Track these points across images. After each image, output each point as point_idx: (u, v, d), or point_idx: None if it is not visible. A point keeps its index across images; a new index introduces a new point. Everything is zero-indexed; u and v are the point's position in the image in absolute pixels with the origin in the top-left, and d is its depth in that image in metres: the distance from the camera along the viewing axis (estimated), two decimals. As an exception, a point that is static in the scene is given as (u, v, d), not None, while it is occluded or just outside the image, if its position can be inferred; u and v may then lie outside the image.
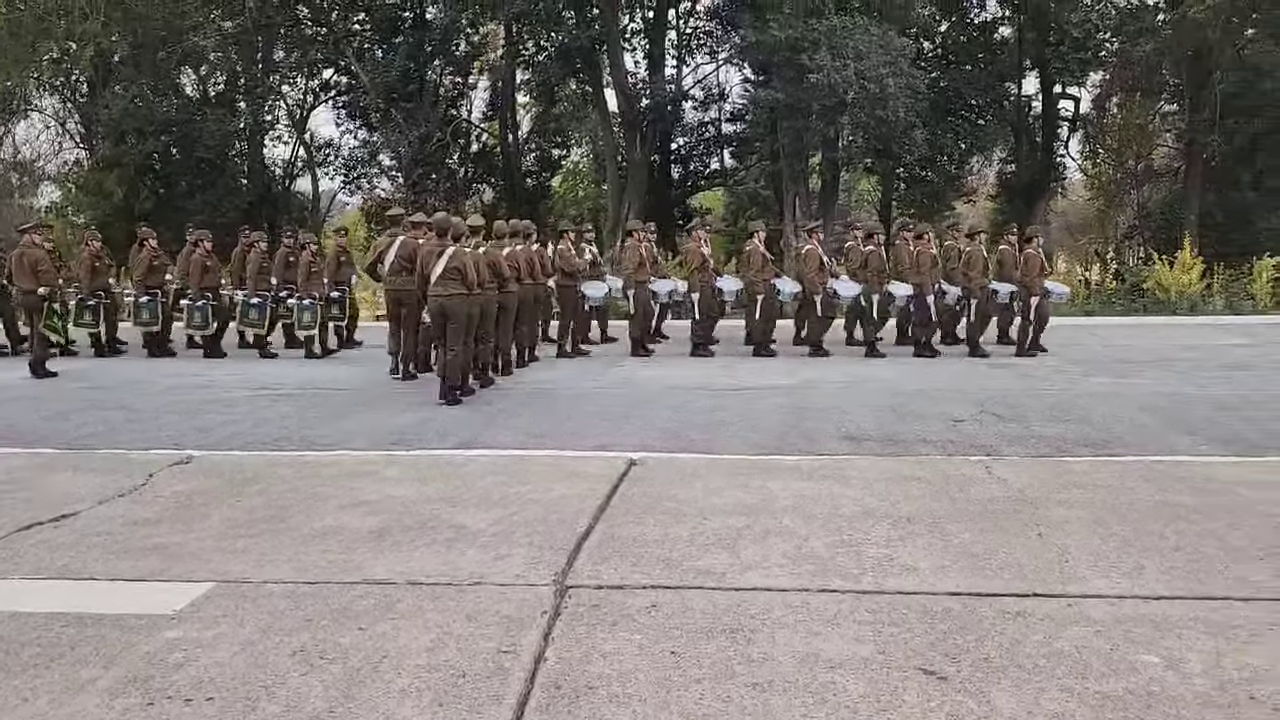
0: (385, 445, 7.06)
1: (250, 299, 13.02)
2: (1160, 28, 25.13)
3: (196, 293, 12.97)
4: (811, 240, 13.31)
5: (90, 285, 13.04)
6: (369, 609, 3.75)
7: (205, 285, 13.04)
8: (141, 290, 13.09)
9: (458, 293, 9.29)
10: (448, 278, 9.26)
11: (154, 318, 13.13)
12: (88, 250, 13.25)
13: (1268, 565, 4.15)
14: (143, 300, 13.05)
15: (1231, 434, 7.24)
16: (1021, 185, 27.94)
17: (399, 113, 23.47)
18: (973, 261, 12.96)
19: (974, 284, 12.84)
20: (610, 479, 5.73)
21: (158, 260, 13.45)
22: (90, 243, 13.36)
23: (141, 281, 13.11)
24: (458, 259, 9.35)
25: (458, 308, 9.31)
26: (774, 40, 19.74)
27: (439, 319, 9.38)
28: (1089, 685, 3.08)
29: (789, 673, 3.19)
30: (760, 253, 13.24)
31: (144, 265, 13.20)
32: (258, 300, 13.00)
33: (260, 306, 12.99)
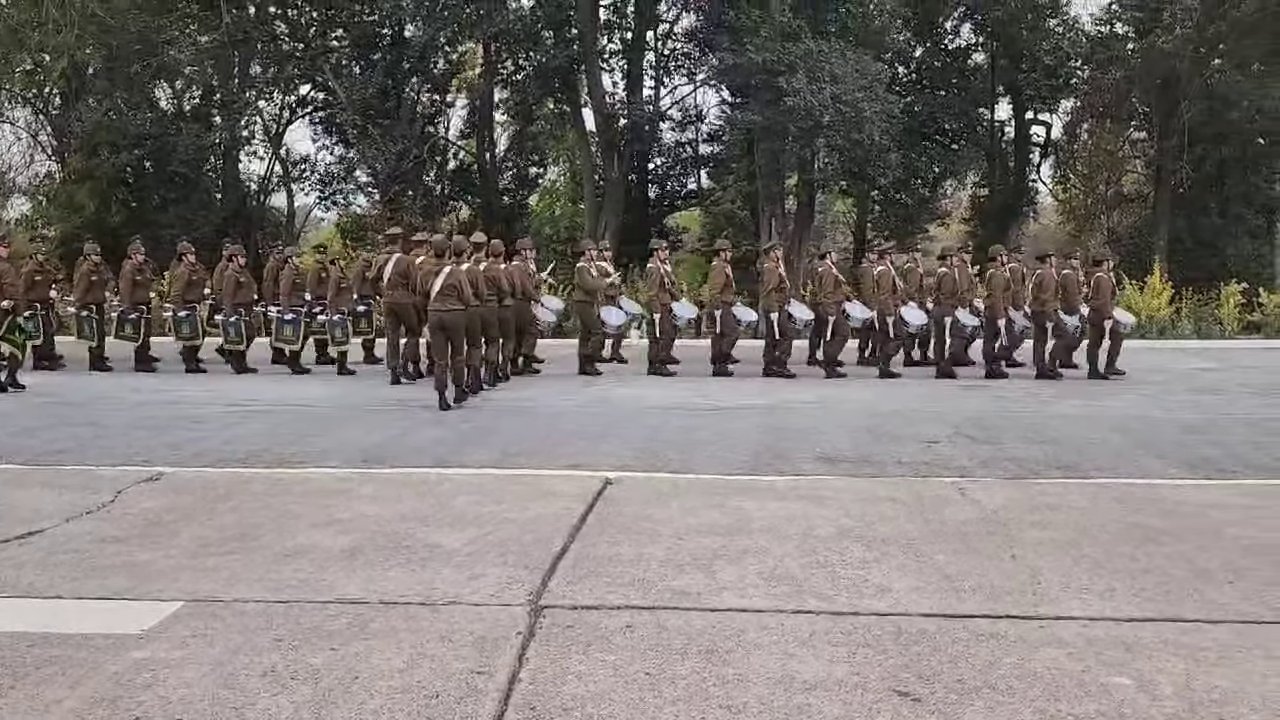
0: (358, 463, 7.01)
1: (284, 315, 13.08)
2: (1130, 56, 25.56)
3: (230, 308, 13.02)
4: (826, 262, 13.40)
5: (131, 298, 13.10)
6: (341, 629, 3.72)
7: (239, 301, 13.12)
8: (180, 305, 13.14)
9: (455, 308, 9.95)
10: (445, 294, 9.93)
11: (194, 332, 13.17)
12: (130, 264, 13.29)
13: (1236, 588, 4.20)
14: (182, 315, 13.10)
15: (1200, 457, 7.32)
16: (994, 209, 28.25)
17: (376, 129, 23.40)
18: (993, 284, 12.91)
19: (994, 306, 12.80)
20: (586, 498, 5.72)
21: (196, 275, 13.53)
22: (134, 255, 13.39)
23: (180, 296, 13.18)
24: (454, 276, 10.01)
25: (456, 322, 10.01)
26: (751, 63, 19.89)
27: (438, 333, 10.06)
28: (1061, 707, 3.09)
29: (764, 694, 3.18)
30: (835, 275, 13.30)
31: (183, 280, 13.28)
32: (291, 316, 13.05)
33: (294, 322, 13.06)
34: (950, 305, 13.02)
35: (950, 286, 13.08)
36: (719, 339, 13.13)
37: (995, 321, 12.82)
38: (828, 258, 13.51)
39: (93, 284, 13.20)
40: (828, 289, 13.06)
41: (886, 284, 12.89)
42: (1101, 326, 12.74)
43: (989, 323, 12.94)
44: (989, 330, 12.98)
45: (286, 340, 13.14)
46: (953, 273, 13.21)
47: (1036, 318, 12.93)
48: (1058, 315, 12.78)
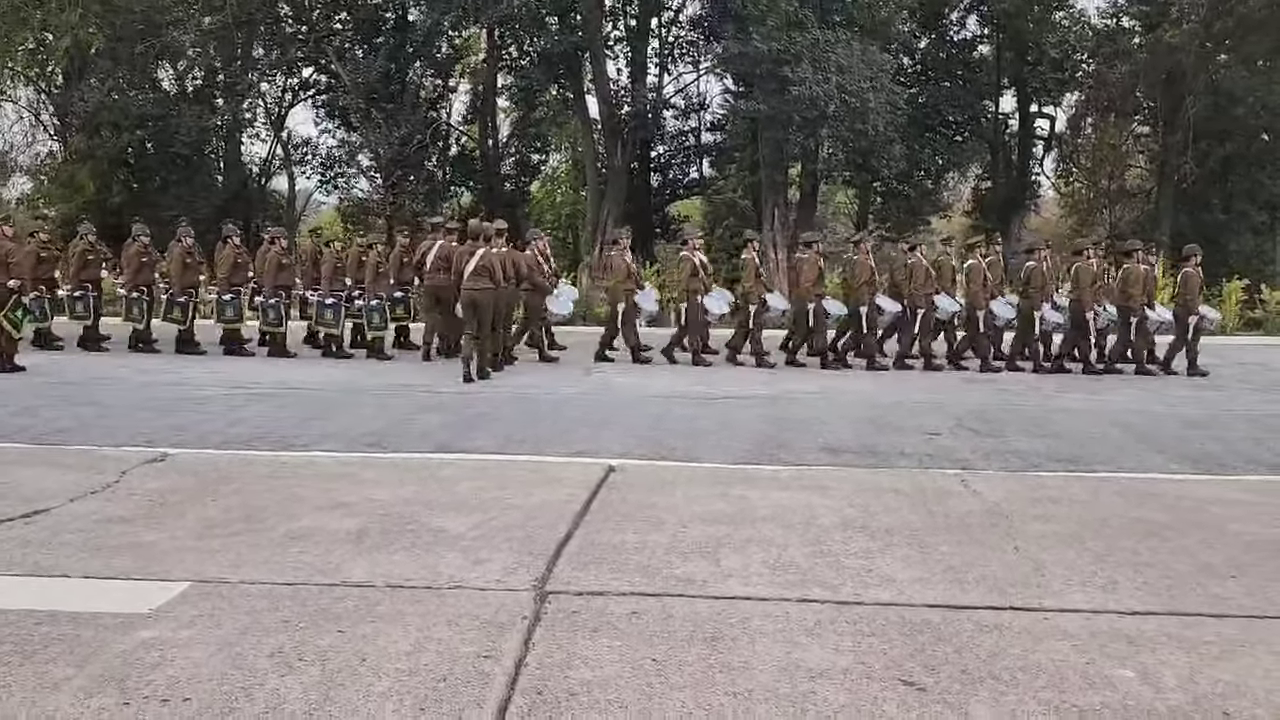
0: (363, 447, 7.02)
1: (325, 299, 13.11)
2: (1135, 51, 25.49)
3: (270, 291, 13.06)
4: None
5: (181, 281, 13.17)
6: (348, 611, 3.73)
7: (280, 283, 13.16)
8: (225, 288, 13.19)
9: (487, 287, 11.02)
10: (478, 274, 11.01)
11: (238, 315, 13.23)
12: (180, 247, 13.33)
13: (1239, 583, 4.21)
14: (226, 298, 13.14)
15: (1201, 452, 7.34)
16: (997, 202, 28.21)
17: (379, 113, 23.31)
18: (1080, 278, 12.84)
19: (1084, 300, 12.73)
20: (590, 485, 5.73)
21: (241, 258, 13.57)
22: (184, 239, 13.43)
23: (226, 279, 13.22)
24: (487, 258, 11.08)
25: (486, 300, 11.09)
26: (756, 52, 19.82)
27: (470, 309, 11.09)
28: (1066, 698, 3.11)
29: (770, 682, 3.20)
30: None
31: (228, 263, 13.32)
32: (332, 300, 13.08)
33: (335, 307, 13.08)
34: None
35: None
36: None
37: (1083, 315, 12.69)
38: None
39: (143, 265, 13.30)
40: (811, 280, 13.01)
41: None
42: (1187, 323, 12.67)
43: (1076, 317, 12.84)
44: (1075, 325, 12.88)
45: (327, 324, 13.16)
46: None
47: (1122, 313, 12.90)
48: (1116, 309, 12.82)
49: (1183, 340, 12.67)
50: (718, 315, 13.35)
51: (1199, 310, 12.73)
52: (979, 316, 12.84)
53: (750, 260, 13.11)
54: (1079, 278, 12.81)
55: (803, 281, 12.94)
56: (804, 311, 12.88)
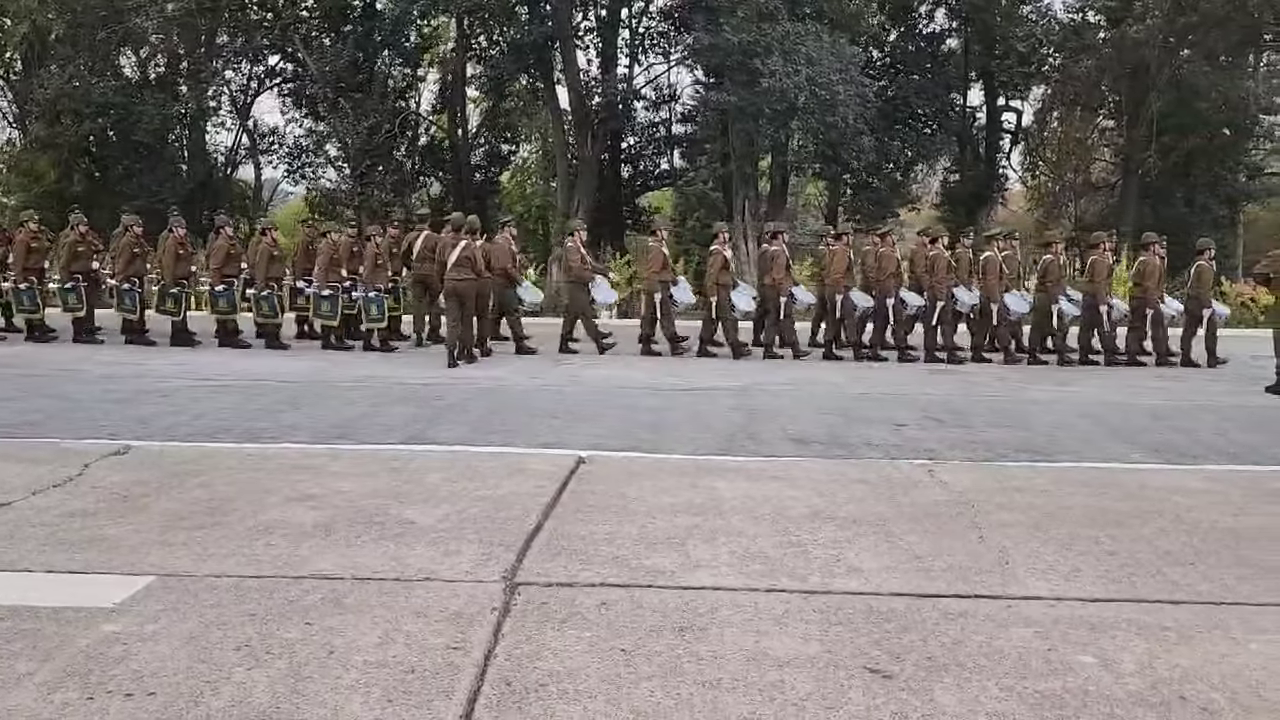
0: (330, 439, 6.97)
1: (322, 291, 12.99)
2: (1101, 45, 25.78)
3: (263, 283, 12.97)
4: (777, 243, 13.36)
5: (174, 272, 13.07)
6: (316, 604, 3.71)
7: (272, 275, 13.06)
8: (218, 279, 13.09)
9: (469, 278, 11.63)
10: (460, 265, 11.59)
11: (232, 306, 13.12)
12: (173, 238, 13.24)
13: (1197, 570, 4.28)
14: (219, 289, 13.02)
15: (1164, 442, 7.46)
16: (965, 194, 28.46)
17: (346, 102, 23.12)
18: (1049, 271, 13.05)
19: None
20: (559, 477, 5.72)
21: (234, 250, 13.45)
22: (176, 229, 13.33)
23: (219, 270, 13.09)
24: (469, 250, 11.67)
25: (468, 290, 11.68)
26: (727, 43, 19.84)
27: (452, 299, 11.68)
28: (1028, 684, 3.15)
29: (738, 671, 3.21)
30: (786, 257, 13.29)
31: (222, 254, 13.19)
32: (329, 292, 12.98)
33: (332, 299, 12.97)
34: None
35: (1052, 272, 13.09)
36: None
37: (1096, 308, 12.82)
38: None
39: (135, 256, 13.16)
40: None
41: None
42: (1199, 315, 12.80)
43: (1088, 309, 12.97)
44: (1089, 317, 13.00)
45: (324, 316, 13.07)
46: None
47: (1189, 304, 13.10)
48: None
49: (1193, 332, 12.84)
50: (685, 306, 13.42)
51: (1210, 304, 12.92)
52: (994, 309, 12.94)
53: (779, 252, 13.08)
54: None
55: (773, 273, 12.99)
56: (776, 302, 12.96)
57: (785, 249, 13.27)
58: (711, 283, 12.93)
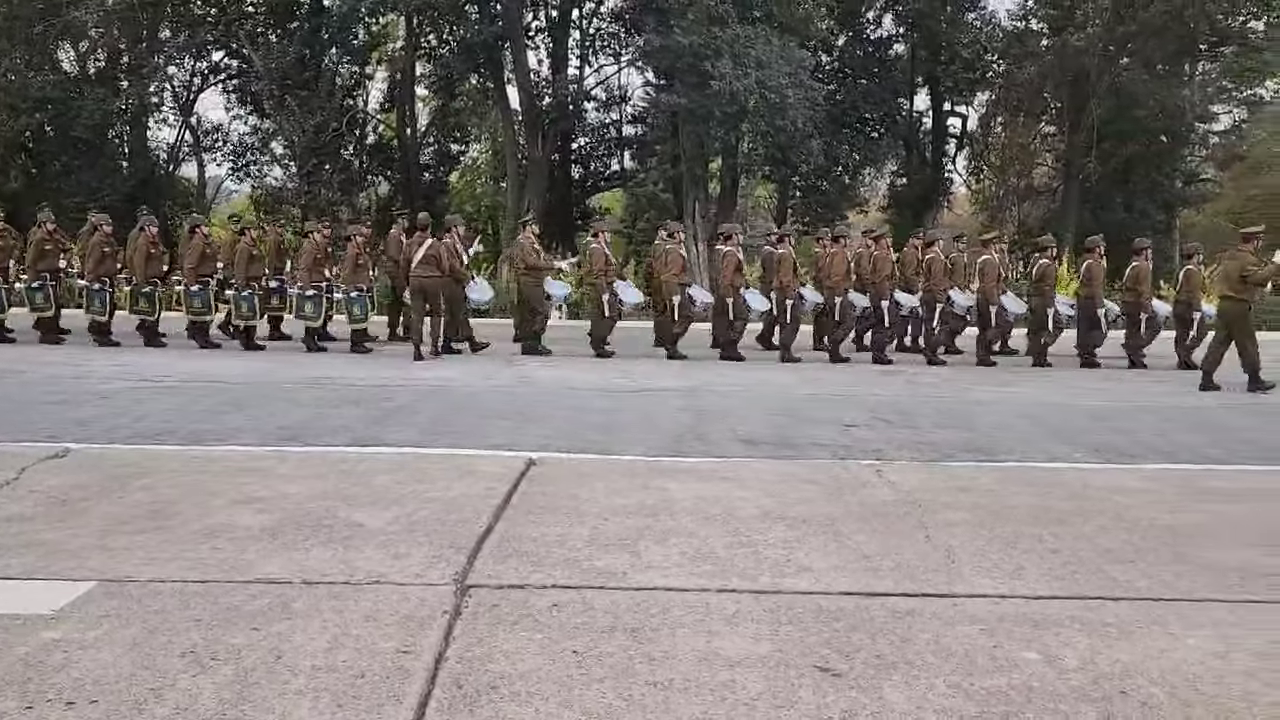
0: (276, 441, 6.87)
1: (305, 291, 12.86)
2: (1043, 53, 26.30)
3: (242, 283, 12.81)
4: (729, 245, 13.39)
5: (146, 272, 12.88)
6: (263, 609, 3.65)
7: (252, 275, 12.90)
8: (194, 279, 12.87)
9: (434, 274, 12.08)
10: (426, 262, 12.05)
11: (207, 307, 12.93)
12: (144, 236, 13.02)
13: (1136, 567, 4.39)
14: (194, 289, 12.84)
15: (1104, 443, 7.62)
16: (912, 198, 28.87)
17: (293, 100, 22.78)
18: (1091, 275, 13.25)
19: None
20: (509, 478, 5.70)
21: (209, 249, 13.25)
22: (148, 228, 13.12)
23: (194, 270, 12.87)
24: (435, 248, 12.14)
25: (434, 286, 12.15)
26: (677, 45, 19.91)
27: (418, 295, 12.16)
28: (974, 681, 3.20)
29: (689, 671, 3.23)
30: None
31: (197, 253, 12.97)
32: (313, 292, 12.82)
33: (315, 299, 12.81)
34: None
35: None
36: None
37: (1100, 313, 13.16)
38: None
39: (105, 256, 12.93)
40: (674, 269, 13.11)
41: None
42: (1189, 318, 13.01)
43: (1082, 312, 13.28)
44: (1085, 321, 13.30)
45: (307, 317, 12.93)
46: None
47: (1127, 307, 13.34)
48: None
49: (1185, 335, 13.06)
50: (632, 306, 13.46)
51: (1201, 306, 13.18)
52: (991, 311, 13.11)
53: (786, 255, 13.13)
54: (1089, 274, 13.25)
55: (724, 274, 13.04)
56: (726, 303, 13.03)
57: (738, 250, 13.34)
58: (727, 284, 12.99)
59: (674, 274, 13.06)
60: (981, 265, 13.27)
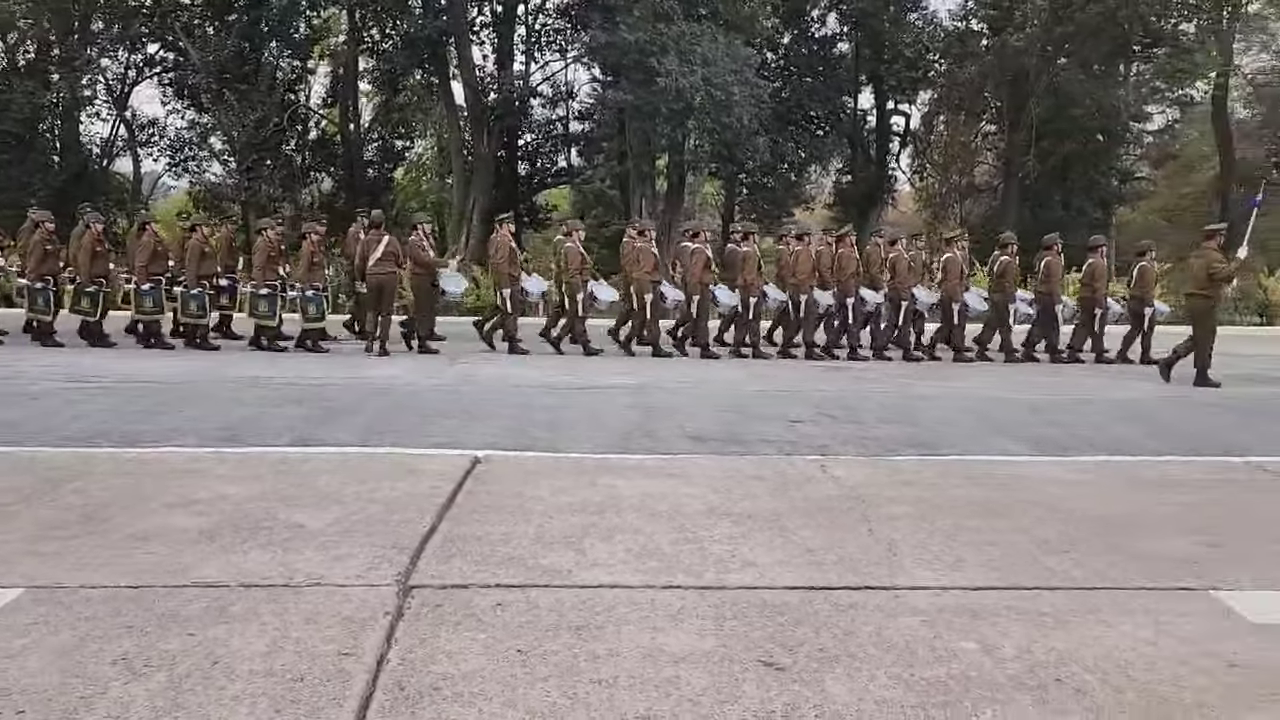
0: (215, 442, 6.73)
1: (260, 290, 12.57)
2: (983, 53, 26.79)
3: (193, 281, 12.52)
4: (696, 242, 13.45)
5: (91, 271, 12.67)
6: (198, 613, 3.58)
7: (203, 273, 12.58)
8: (145, 278, 12.53)
9: (391, 270, 12.52)
10: (384, 259, 12.40)
11: (158, 306, 12.61)
12: (89, 234, 12.76)
13: (1071, 557, 4.47)
14: (145, 288, 12.53)
15: (1041, 436, 7.77)
16: (857, 195, 29.22)
17: (232, 94, 22.36)
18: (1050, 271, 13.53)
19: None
20: (454, 477, 5.65)
21: (160, 247, 12.97)
22: (93, 225, 12.83)
23: (145, 269, 12.56)
24: (393, 245, 12.49)
25: (391, 283, 12.60)
26: (623, 42, 19.92)
27: (375, 291, 12.58)
28: (915, 672, 3.24)
29: (634, 668, 3.23)
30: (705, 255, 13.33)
31: (148, 251, 12.67)
32: (266, 291, 12.55)
33: (269, 298, 12.54)
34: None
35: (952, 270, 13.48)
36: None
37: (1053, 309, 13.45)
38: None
39: (47, 254, 12.59)
40: (646, 266, 13.15)
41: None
42: (1142, 314, 13.25)
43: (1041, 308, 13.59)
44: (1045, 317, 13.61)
45: (261, 316, 12.66)
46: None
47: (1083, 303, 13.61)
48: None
49: (1137, 331, 13.36)
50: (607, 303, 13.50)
51: (1152, 303, 13.53)
52: (955, 308, 13.30)
53: (751, 253, 13.24)
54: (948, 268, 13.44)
55: (693, 271, 13.08)
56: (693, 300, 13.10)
57: (705, 247, 13.40)
58: (695, 280, 13.02)
59: (646, 271, 13.08)
60: (945, 263, 13.47)
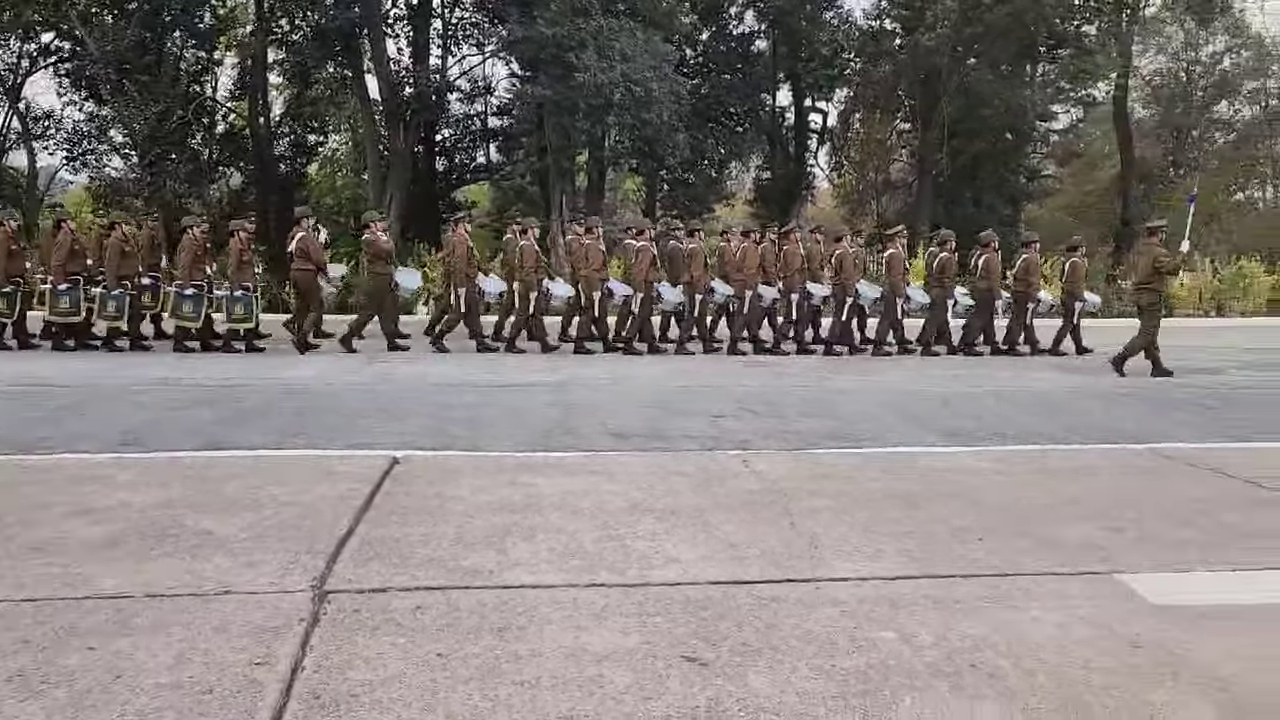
0: (117, 447, 6.48)
1: (184, 290, 12.10)
2: (897, 52, 27.31)
3: (113, 281, 12.02)
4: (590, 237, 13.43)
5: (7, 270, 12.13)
6: (100, 626, 3.43)
7: (124, 273, 12.12)
8: (62, 277, 12.04)
9: (307, 269, 12.42)
10: (299, 256, 12.35)
11: (74, 307, 12.09)
12: (2, 231, 12.18)
13: (984, 545, 4.58)
14: (62, 288, 12.04)
15: (954, 427, 7.95)
16: (777, 192, 29.54)
17: (133, 85, 21.54)
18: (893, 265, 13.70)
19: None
20: (372, 479, 5.54)
21: (78, 245, 12.39)
22: (6, 223, 12.27)
23: (62, 268, 12.03)
24: (304, 241, 12.36)
25: (308, 280, 12.51)
26: (541, 37, 19.78)
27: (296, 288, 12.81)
28: (836, 662, 3.27)
29: (557, 668, 3.20)
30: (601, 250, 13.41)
31: (65, 250, 12.12)
32: (192, 291, 12.07)
33: (195, 298, 12.09)
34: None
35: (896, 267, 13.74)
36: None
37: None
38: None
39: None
40: (594, 264, 13.17)
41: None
42: (1073, 308, 13.64)
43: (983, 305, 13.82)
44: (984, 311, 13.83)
45: (185, 318, 12.18)
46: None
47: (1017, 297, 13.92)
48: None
49: (1070, 324, 13.81)
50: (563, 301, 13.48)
51: (1084, 296, 14.03)
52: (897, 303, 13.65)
53: (698, 249, 13.35)
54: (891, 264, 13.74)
55: (639, 268, 13.09)
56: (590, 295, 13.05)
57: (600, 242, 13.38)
58: (641, 278, 13.02)
59: (594, 269, 13.06)
60: (888, 259, 13.76)
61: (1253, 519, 5.02)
